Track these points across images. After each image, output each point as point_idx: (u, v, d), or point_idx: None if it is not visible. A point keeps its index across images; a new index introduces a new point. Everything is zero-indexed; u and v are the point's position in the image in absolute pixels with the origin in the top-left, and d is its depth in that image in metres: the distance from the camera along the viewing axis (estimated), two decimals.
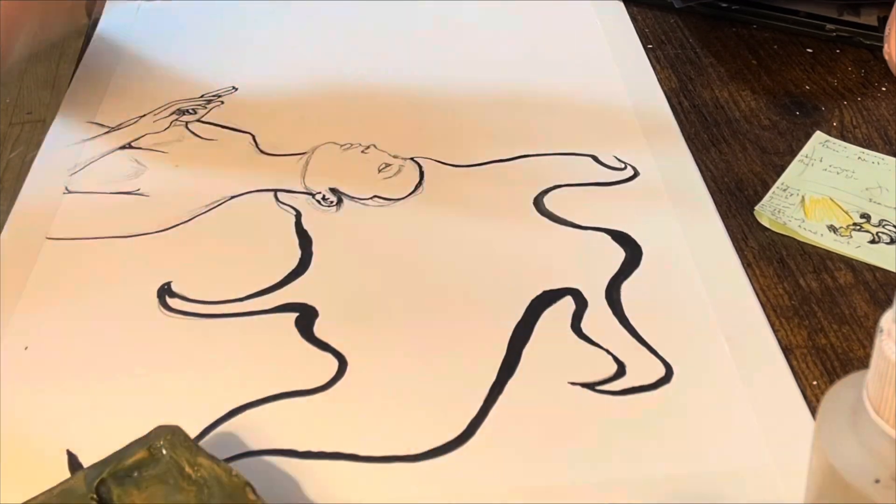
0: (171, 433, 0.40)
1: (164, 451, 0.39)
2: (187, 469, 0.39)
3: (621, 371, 0.46)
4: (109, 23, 0.75)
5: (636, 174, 0.58)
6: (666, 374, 0.46)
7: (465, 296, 0.51)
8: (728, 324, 0.48)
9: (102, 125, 0.64)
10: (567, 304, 0.50)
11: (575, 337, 0.48)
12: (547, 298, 0.50)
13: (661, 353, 0.47)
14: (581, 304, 0.50)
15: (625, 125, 0.62)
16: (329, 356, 0.48)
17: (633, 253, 0.53)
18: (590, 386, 0.46)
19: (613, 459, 0.43)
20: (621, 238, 0.54)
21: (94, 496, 0.38)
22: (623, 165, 0.59)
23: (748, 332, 0.48)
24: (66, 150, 0.62)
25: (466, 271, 0.52)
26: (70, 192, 0.59)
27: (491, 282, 0.51)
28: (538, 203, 0.56)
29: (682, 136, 0.61)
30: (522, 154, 0.60)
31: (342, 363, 0.47)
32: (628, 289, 0.50)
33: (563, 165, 0.59)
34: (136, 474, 0.39)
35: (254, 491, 0.38)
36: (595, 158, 0.59)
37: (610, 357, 0.47)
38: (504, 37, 0.72)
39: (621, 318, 0.49)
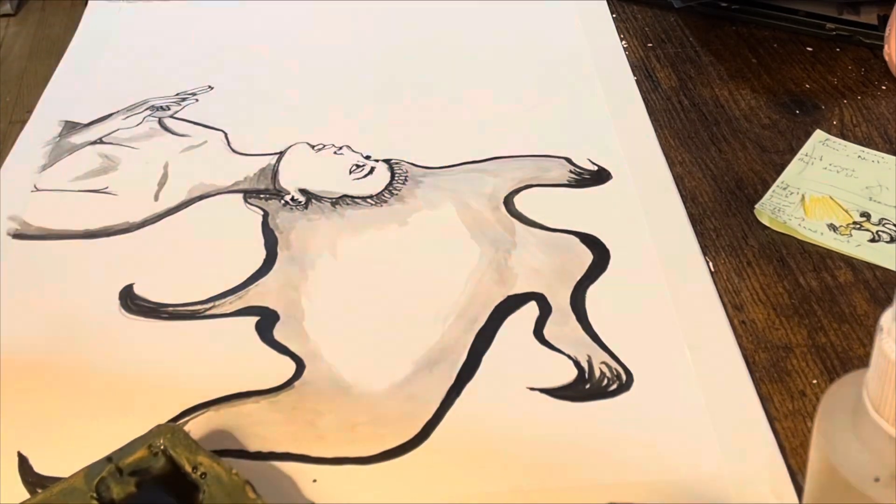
0: (171, 432, 0.40)
1: (165, 450, 0.39)
2: (187, 467, 0.39)
3: (581, 377, 0.46)
4: (91, 22, 0.75)
5: (609, 177, 0.58)
6: (626, 381, 0.46)
7: (428, 300, 0.50)
8: (691, 331, 0.48)
9: (76, 122, 0.64)
10: (531, 310, 0.50)
11: (537, 343, 0.48)
12: (511, 304, 0.50)
13: (622, 359, 0.47)
14: (545, 309, 0.49)
15: (601, 128, 0.62)
16: (286, 359, 0.48)
17: (600, 256, 0.52)
18: (549, 392, 0.45)
19: (568, 465, 0.42)
20: (590, 241, 0.53)
21: (94, 495, 0.38)
22: (597, 168, 0.58)
23: (711, 341, 0.48)
24: (38, 148, 0.62)
25: (431, 274, 0.52)
26: (38, 189, 0.59)
27: (455, 286, 0.51)
28: (508, 204, 0.56)
29: (658, 141, 0.60)
30: (496, 155, 0.60)
31: (300, 366, 0.47)
32: (594, 293, 0.50)
33: (537, 167, 0.59)
34: (136, 473, 0.39)
35: (254, 489, 0.38)
36: (569, 160, 0.59)
37: (571, 363, 0.47)
38: (482, 38, 0.72)
39: (585, 323, 0.49)
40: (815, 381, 0.46)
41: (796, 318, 0.49)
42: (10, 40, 0.74)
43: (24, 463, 0.43)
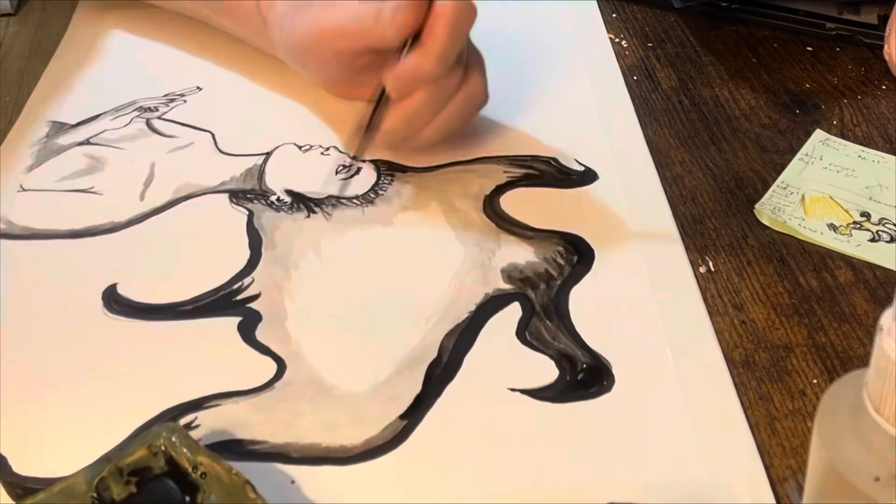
0: (171, 432, 0.40)
1: (165, 450, 0.39)
2: (187, 467, 0.39)
3: (563, 378, 0.46)
4: (80, 23, 0.75)
5: (596, 178, 0.58)
6: (607, 382, 0.46)
7: (411, 300, 0.50)
8: (674, 334, 0.48)
9: (64, 123, 0.64)
10: (514, 310, 0.49)
11: (519, 343, 0.48)
12: (494, 304, 0.50)
13: (604, 360, 0.47)
14: (528, 309, 0.49)
15: (589, 129, 0.61)
16: (268, 360, 0.47)
17: (585, 257, 0.52)
18: (529, 392, 0.45)
19: (547, 466, 0.42)
20: (575, 242, 0.53)
21: (94, 494, 0.38)
22: (584, 169, 0.58)
23: (694, 344, 0.47)
24: (25, 149, 0.62)
25: (415, 275, 0.52)
26: (24, 190, 0.59)
27: (439, 286, 0.51)
28: (493, 204, 0.56)
29: (645, 141, 0.60)
30: (482, 156, 0.60)
31: (281, 367, 0.47)
32: (577, 294, 0.50)
33: (524, 167, 0.59)
34: (135, 473, 0.39)
35: (254, 489, 0.38)
36: (556, 161, 0.59)
37: (552, 363, 0.47)
38: (473, 38, 0.71)
39: (567, 324, 0.48)
40: (815, 381, 0.46)
41: (796, 317, 0.49)
42: (10, 40, 0.74)
43: (2, 463, 0.43)
